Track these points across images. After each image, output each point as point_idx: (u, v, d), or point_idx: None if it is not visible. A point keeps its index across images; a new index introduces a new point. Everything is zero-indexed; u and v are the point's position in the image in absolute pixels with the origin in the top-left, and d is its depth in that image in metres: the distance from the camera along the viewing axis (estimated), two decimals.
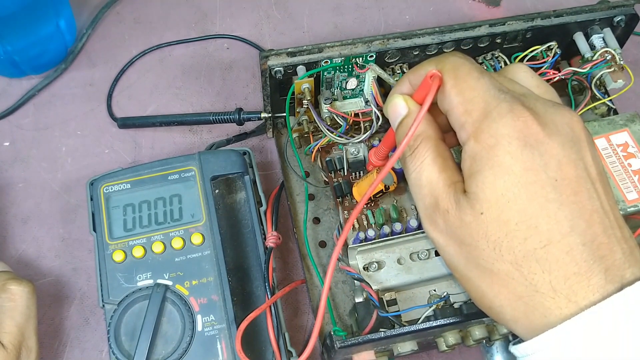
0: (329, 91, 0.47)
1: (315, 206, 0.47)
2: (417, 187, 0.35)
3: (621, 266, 0.30)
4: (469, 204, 0.32)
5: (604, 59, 0.48)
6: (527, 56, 0.48)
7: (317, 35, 0.61)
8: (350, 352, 0.40)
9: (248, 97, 0.57)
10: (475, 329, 0.41)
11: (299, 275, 0.46)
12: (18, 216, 0.52)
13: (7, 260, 0.50)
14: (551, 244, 0.30)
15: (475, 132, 0.32)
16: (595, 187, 0.32)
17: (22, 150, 0.54)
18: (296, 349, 0.43)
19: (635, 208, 0.42)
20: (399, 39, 0.45)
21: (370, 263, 0.42)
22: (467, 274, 0.33)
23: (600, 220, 0.31)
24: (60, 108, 0.56)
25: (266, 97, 0.46)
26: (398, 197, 0.44)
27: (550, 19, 0.47)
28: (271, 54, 0.44)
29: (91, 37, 0.59)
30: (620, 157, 0.43)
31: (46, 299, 0.48)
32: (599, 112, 0.50)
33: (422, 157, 0.34)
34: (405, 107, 0.36)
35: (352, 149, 0.45)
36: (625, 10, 0.48)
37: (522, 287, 0.31)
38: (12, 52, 0.52)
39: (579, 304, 0.30)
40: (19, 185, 0.53)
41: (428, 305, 0.41)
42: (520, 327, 0.32)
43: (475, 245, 0.32)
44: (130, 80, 0.58)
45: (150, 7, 0.62)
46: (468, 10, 0.63)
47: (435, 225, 0.34)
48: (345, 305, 0.44)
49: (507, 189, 0.31)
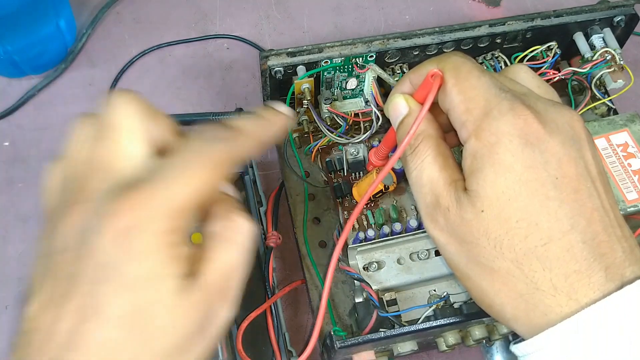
0: (329, 91, 0.47)
1: (315, 206, 0.47)
2: (418, 185, 0.35)
3: (621, 264, 0.30)
4: (470, 202, 0.32)
5: (604, 59, 0.48)
6: (527, 56, 0.48)
7: (317, 35, 0.61)
8: (350, 352, 0.40)
9: (248, 97, 0.57)
10: (475, 329, 0.41)
11: (299, 275, 0.46)
12: (18, 216, 0.52)
13: (7, 260, 0.50)
14: (552, 241, 0.30)
15: (476, 130, 0.32)
16: (596, 186, 0.32)
17: (22, 150, 0.54)
18: (296, 349, 0.43)
19: (635, 208, 0.42)
20: (399, 39, 0.45)
21: (370, 263, 0.42)
22: (468, 272, 0.33)
23: (600, 219, 0.31)
24: (60, 108, 0.56)
25: (266, 97, 0.46)
26: (398, 197, 0.44)
27: (550, 19, 0.47)
28: (271, 54, 0.44)
29: (91, 37, 0.59)
30: (620, 157, 0.43)
31: None
32: (599, 112, 0.50)
33: (422, 155, 0.34)
34: (406, 107, 0.36)
35: (352, 149, 0.45)
36: (625, 10, 0.48)
37: (522, 285, 0.31)
38: (12, 52, 0.52)
39: (579, 301, 0.30)
40: (19, 185, 0.53)
41: (428, 305, 0.41)
42: (521, 325, 0.32)
43: (476, 243, 0.32)
44: (130, 80, 0.58)
45: (150, 7, 0.62)
46: (468, 10, 0.63)
47: (436, 223, 0.34)
48: (345, 305, 0.44)
49: (508, 186, 0.31)
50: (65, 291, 0.25)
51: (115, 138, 0.27)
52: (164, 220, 0.25)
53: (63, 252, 0.26)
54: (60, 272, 0.26)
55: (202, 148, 0.28)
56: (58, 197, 0.28)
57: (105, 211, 0.25)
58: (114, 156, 0.27)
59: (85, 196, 0.27)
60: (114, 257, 0.25)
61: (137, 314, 0.25)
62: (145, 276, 0.25)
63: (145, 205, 0.25)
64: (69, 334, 0.25)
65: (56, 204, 0.28)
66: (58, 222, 0.27)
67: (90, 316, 0.25)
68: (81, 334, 0.25)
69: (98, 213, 0.26)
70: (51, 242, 0.27)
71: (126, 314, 0.25)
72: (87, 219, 0.26)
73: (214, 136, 0.28)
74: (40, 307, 0.26)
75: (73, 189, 0.27)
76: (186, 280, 0.26)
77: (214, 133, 0.28)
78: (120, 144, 0.27)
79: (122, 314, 0.25)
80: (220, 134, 0.28)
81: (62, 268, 0.26)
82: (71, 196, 0.27)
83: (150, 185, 0.26)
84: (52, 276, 0.26)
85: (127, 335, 0.25)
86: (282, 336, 0.43)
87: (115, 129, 0.27)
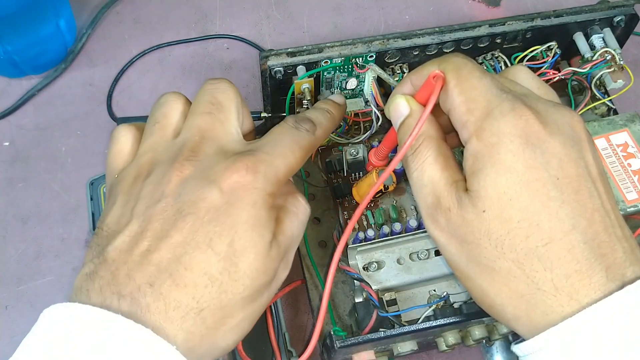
0: (329, 91, 0.47)
1: (315, 206, 0.47)
2: (419, 186, 0.35)
3: (622, 264, 0.30)
4: (471, 202, 0.32)
5: (603, 59, 0.48)
6: (527, 56, 0.48)
7: (317, 35, 0.61)
8: (350, 352, 0.40)
9: (248, 97, 0.57)
10: (475, 329, 0.41)
11: (299, 275, 0.46)
12: (18, 216, 0.52)
13: (7, 260, 0.50)
14: (553, 241, 0.30)
15: (477, 131, 0.32)
16: (596, 186, 0.32)
17: (22, 150, 0.54)
18: (296, 349, 0.43)
19: (635, 208, 0.42)
20: (399, 39, 0.45)
21: (370, 263, 0.42)
22: (469, 273, 0.33)
23: (601, 219, 0.31)
24: (60, 108, 0.56)
25: (266, 97, 0.46)
26: (397, 197, 0.44)
27: (550, 19, 0.47)
28: (271, 54, 0.44)
29: (91, 37, 0.59)
30: (620, 157, 0.43)
31: (46, 298, 0.48)
32: (599, 112, 0.50)
33: (424, 156, 0.34)
34: (407, 107, 0.36)
35: (352, 149, 0.45)
36: (625, 10, 0.48)
37: (523, 285, 0.31)
38: (12, 52, 0.52)
39: (580, 301, 0.30)
40: (19, 185, 0.53)
41: (428, 305, 0.41)
42: (522, 325, 0.32)
43: (477, 243, 0.32)
44: (130, 80, 0.58)
45: (150, 7, 0.62)
46: (468, 10, 0.63)
47: (437, 223, 0.34)
48: (345, 305, 0.44)
49: (509, 186, 0.31)
50: (167, 227, 0.30)
51: (226, 115, 0.34)
52: (268, 183, 0.31)
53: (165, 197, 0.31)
54: (162, 212, 0.30)
55: (293, 134, 0.35)
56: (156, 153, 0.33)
57: (222, 167, 0.31)
58: (224, 129, 0.33)
59: (197, 156, 0.32)
60: (225, 203, 0.30)
61: (237, 254, 0.30)
62: (252, 223, 0.30)
63: (256, 169, 0.31)
64: (170, 263, 0.29)
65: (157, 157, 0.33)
66: (164, 172, 0.31)
67: (195, 248, 0.29)
68: (184, 263, 0.29)
69: (213, 168, 0.31)
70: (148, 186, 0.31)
71: (228, 252, 0.30)
72: (197, 172, 0.31)
73: (300, 126, 0.35)
74: (132, 240, 0.30)
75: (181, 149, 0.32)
76: (272, 237, 0.32)
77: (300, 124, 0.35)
78: (229, 121, 0.34)
79: (225, 250, 0.30)
80: (305, 125, 0.35)
81: (166, 209, 0.30)
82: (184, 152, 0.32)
83: (259, 155, 0.32)
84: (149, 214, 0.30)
85: (222, 271, 0.30)
86: (282, 336, 0.43)
87: (226, 108, 0.34)
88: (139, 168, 0.33)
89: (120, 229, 0.31)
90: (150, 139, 0.34)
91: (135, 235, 0.30)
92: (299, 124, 0.35)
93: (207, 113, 0.34)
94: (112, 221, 0.31)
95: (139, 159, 0.33)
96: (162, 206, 0.30)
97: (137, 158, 0.34)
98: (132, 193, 0.32)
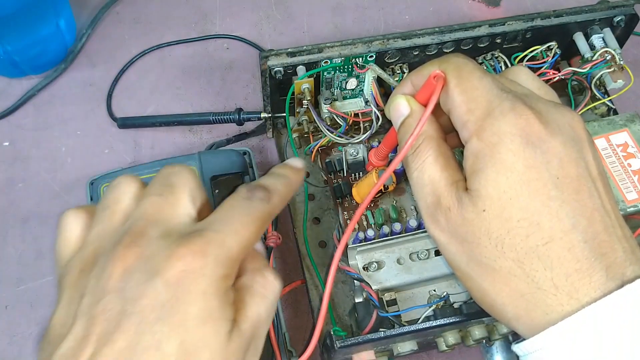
0: (328, 91, 0.47)
1: (315, 206, 0.47)
2: (419, 185, 0.35)
3: (622, 264, 0.30)
4: (471, 202, 0.32)
5: (603, 59, 0.48)
6: (527, 56, 0.48)
7: (317, 35, 0.61)
8: (350, 352, 0.40)
9: (248, 97, 0.57)
10: (475, 329, 0.41)
11: (299, 275, 0.46)
12: (18, 216, 0.52)
13: (7, 260, 0.50)
14: (553, 241, 0.30)
15: (477, 130, 0.32)
16: (596, 186, 0.32)
17: (22, 150, 0.54)
18: (296, 349, 0.43)
19: (635, 208, 0.42)
20: (399, 39, 0.45)
21: (370, 263, 0.42)
22: (469, 272, 0.33)
23: (601, 219, 0.31)
24: (60, 108, 0.56)
25: (266, 97, 0.47)
26: (397, 197, 0.44)
27: (550, 19, 0.47)
28: (271, 54, 0.44)
29: (91, 37, 0.59)
30: (620, 157, 0.43)
31: (46, 298, 0.48)
32: (599, 112, 0.50)
33: (424, 155, 0.34)
34: (408, 107, 0.36)
35: (352, 150, 0.45)
36: (625, 10, 0.48)
37: (523, 285, 0.31)
38: (12, 52, 0.52)
39: (580, 300, 0.30)
40: (19, 185, 0.53)
41: (428, 305, 0.41)
42: (522, 325, 0.32)
43: (477, 243, 0.32)
44: (130, 80, 0.58)
45: (150, 7, 0.62)
46: (468, 10, 0.63)
47: (437, 223, 0.34)
48: (345, 305, 0.44)
49: (510, 186, 0.31)
50: (111, 329, 0.26)
51: (177, 197, 0.31)
52: (219, 266, 0.28)
53: (107, 292, 0.27)
54: (104, 312, 0.27)
55: (246, 206, 0.31)
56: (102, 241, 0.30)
57: (166, 255, 0.27)
58: (174, 211, 0.30)
59: (139, 242, 0.28)
60: (171, 298, 0.27)
61: (190, 354, 0.26)
62: (203, 317, 0.27)
63: (203, 252, 0.27)
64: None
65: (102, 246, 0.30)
66: (107, 262, 0.28)
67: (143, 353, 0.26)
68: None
69: (156, 257, 0.27)
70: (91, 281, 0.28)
71: (179, 354, 0.26)
72: (141, 262, 0.28)
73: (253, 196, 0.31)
74: (76, 345, 0.27)
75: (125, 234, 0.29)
76: (232, 325, 0.28)
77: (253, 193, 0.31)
78: (180, 202, 0.31)
79: (176, 353, 0.26)
80: (258, 194, 0.31)
81: (108, 308, 0.27)
82: (124, 240, 0.29)
83: (207, 235, 0.28)
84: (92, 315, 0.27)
85: None
86: (282, 336, 0.43)
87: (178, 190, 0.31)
88: (84, 259, 0.30)
89: (64, 332, 0.28)
90: (99, 226, 0.31)
91: (80, 340, 0.27)
92: (252, 193, 0.32)
93: (157, 195, 0.31)
94: (58, 323, 0.29)
95: (84, 249, 0.31)
96: (104, 304, 0.27)
97: (82, 248, 0.31)
98: (77, 289, 0.29)
